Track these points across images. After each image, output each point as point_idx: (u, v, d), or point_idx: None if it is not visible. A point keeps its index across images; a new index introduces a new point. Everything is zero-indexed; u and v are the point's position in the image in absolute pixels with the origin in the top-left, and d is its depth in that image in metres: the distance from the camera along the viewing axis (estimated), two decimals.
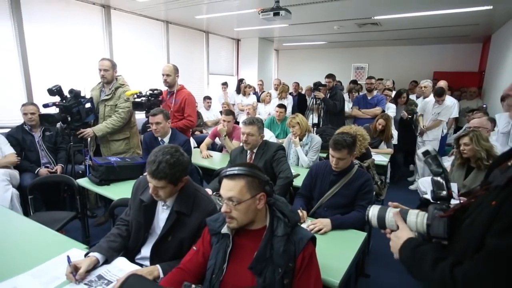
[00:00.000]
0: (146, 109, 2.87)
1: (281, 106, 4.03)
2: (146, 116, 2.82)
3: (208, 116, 5.51)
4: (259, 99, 5.85)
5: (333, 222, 1.70)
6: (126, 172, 2.43)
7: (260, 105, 5.49)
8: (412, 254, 0.77)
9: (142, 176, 1.58)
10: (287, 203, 1.22)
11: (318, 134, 3.43)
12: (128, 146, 3.10)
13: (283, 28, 5.92)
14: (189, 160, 1.48)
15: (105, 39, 4.58)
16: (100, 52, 4.44)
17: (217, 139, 3.67)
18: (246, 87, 5.89)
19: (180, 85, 3.21)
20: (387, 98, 4.51)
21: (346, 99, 5.01)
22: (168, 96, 3.20)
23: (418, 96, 4.99)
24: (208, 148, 3.53)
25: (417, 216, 0.87)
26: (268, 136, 3.24)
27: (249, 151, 2.40)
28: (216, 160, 3.27)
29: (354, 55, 8.24)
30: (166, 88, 3.20)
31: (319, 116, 4.38)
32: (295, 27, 5.74)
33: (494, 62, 5.44)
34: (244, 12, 4.62)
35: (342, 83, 6.11)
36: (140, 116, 3.25)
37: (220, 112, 5.34)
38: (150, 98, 2.94)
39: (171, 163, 1.30)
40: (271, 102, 5.30)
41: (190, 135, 3.49)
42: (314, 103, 4.39)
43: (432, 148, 0.91)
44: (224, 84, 6.20)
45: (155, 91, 3.01)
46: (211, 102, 5.59)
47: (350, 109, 4.71)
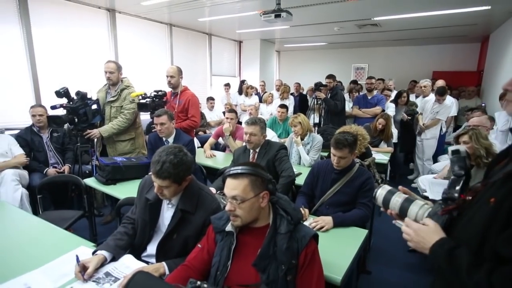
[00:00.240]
0: (151, 110, 2.88)
1: (282, 106, 4.03)
2: (151, 117, 2.83)
3: (211, 116, 5.53)
4: (261, 100, 5.89)
5: (334, 220, 1.70)
6: (132, 171, 2.46)
7: (262, 105, 5.53)
8: (446, 255, 0.75)
9: (148, 175, 1.58)
10: (290, 201, 1.23)
11: (319, 134, 3.44)
12: (133, 147, 3.12)
13: (284, 29, 5.93)
14: (192, 160, 1.48)
15: (110, 42, 4.62)
16: (105, 55, 4.49)
17: (220, 139, 3.71)
18: (248, 88, 5.91)
19: (183, 86, 3.24)
20: (386, 98, 4.52)
21: (347, 99, 5.02)
22: (172, 97, 3.22)
23: (417, 95, 4.99)
24: (212, 148, 3.55)
25: (419, 208, 0.88)
26: (270, 136, 3.26)
27: (252, 150, 2.42)
28: (219, 160, 3.29)
29: (354, 55, 8.24)
30: (170, 89, 3.23)
31: (320, 116, 4.38)
32: (296, 29, 5.76)
33: (493, 62, 5.42)
34: (246, 15, 4.64)
35: (342, 83, 6.11)
36: (145, 117, 3.26)
37: (223, 112, 5.37)
38: (154, 99, 2.96)
39: (175, 163, 1.31)
40: (273, 103, 5.33)
41: (194, 135, 3.50)
42: (315, 103, 4.39)
43: (464, 149, 0.89)
44: (227, 85, 6.22)
45: (159, 93, 3.03)
46: (214, 103, 5.61)
47: (351, 108, 4.72)
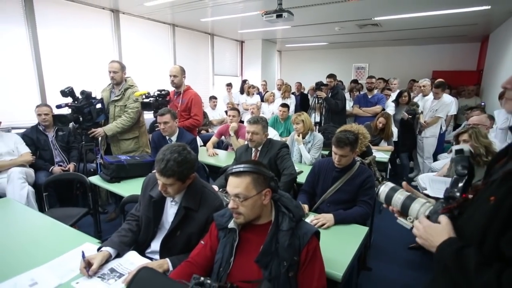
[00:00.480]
0: (154, 109, 2.90)
1: (284, 105, 4.05)
2: (154, 116, 2.85)
3: (214, 115, 5.56)
4: (263, 99, 5.91)
5: (336, 217, 1.71)
6: (136, 169, 2.48)
7: (264, 104, 5.55)
8: (454, 254, 0.75)
9: (151, 173, 1.60)
10: (292, 198, 1.24)
11: (320, 132, 3.46)
12: (137, 145, 3.14)
13: (285, 29, 5.95)
14: (196, 158, 1.48)
15: (114, 42, 4.66)
16: (109, 55, 4.53)
17: (222, 137, 3.74)
18: (250, 88, 5.94)
19: (186, 85, 3.26)
20: (386, 97, 4.53)
21: (347, 98, 5.04)
22: (175, 96, 3.25)
23: (417, 94, 4.97)
24: (214, 146, 3.58)
25: (421, 206, 0.88)
26: (272, 135, 3.27)
27: (254, 149, 2.44)
28: (221, 158, 3.32)
29: (354, 55, 8.25)
30: (173, 88, 3.26)
31: (321, 115, 4.39)
32: (297, 29, 5.77)
33: (492, 61, 5.41)
34: (248, 15, 4.66)
35: (343, 82, 6.13)
36: (148, 116, 3.28)
37: (226, 111, 5.40)
38: (158, 98, 2.98)
39: (179, 161, 1.33)
40: (275, 102, 5.36)
41: (197, 134, 3.53)
42: (316, 102, 4.41)
43: (468, 149, 0.88)
44: (229, 85, 6.26)
45: (162, 92, 3.05)
46: (216, 102, 5.64)
47: (351, 107, 4.73)
